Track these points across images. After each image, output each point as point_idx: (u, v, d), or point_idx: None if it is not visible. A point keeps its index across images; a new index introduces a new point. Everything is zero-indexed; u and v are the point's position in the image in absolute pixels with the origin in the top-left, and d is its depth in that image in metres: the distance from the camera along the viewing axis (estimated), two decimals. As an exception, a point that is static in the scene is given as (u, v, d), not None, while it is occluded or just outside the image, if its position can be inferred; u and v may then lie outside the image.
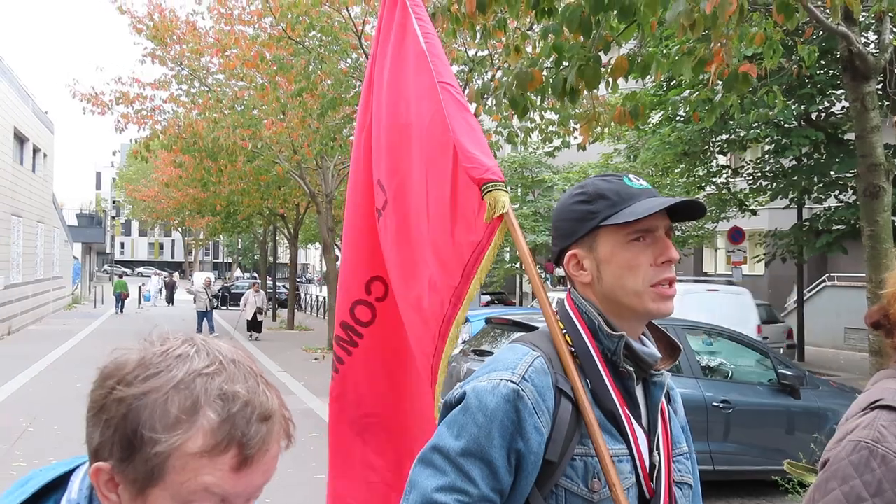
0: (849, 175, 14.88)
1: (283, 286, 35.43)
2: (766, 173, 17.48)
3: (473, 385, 1.42)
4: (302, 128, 15.55)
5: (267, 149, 17.55)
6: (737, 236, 17.42)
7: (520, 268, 26.78)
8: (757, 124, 14.15)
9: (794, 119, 14.87)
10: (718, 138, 16.64)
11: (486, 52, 11.41)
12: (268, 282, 33.02)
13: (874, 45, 8.15)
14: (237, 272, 63.16)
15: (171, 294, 39.66)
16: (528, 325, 7.13)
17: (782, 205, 18.74)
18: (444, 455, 1.37)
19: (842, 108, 15.10)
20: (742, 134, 16.01)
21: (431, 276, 1.89)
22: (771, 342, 14.30)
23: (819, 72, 14.06)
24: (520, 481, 1.38)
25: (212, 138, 16.56)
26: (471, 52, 12.55)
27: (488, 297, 25.60)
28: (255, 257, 54.14)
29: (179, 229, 56.04)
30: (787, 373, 7.49)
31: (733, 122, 14.55)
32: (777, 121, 14.17)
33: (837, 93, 14.75)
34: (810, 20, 6.12)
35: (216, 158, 18.60)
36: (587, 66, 5.15)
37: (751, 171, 18.00)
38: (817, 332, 21.98)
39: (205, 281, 22.78)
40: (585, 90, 5.53)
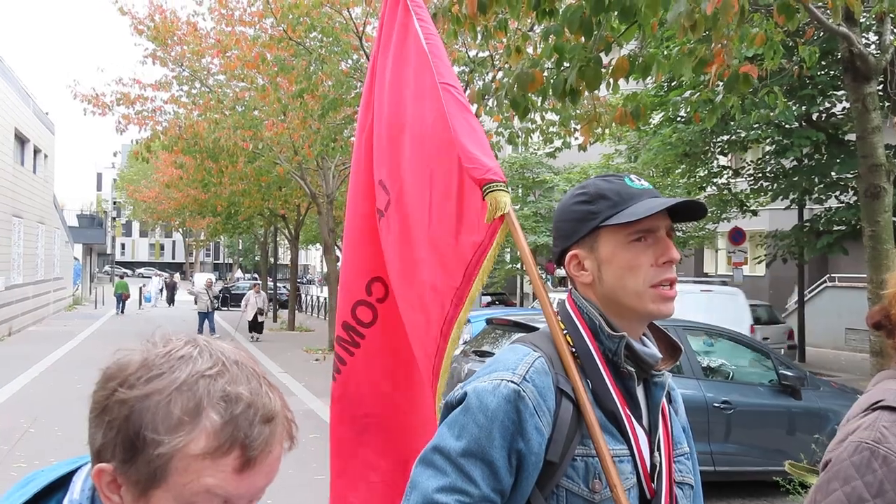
0: (850, 176, 14.90)
1: (284, 287, 35.39)
2: (767, 174, 17.47)
3: (474, 385, 1.42)
4: (303, 129, 15.54)
5: (268, 150, 17.52)
6: (738, 237, 17.42)
7: (521, 268, 26.77)
8: (758, 125, 14.13)
9: (794, 120, 14.84)
10: (719, 139, 16.64)
11: (487, 53, 11.41)
12: (268, 283, 33.04)
13: (875, 46, 8.17)
14: (238, 273, 63.12)
15: (171, 295, 39.71)
16: (528, 325, 7.12)
17: (783, 205, 18.73)
18: (444, 455, 1.37)
19: (843, 108, 15.09)
20: (743, 135, 16.01)
21: (433, 276, 1.89)
22: (772, 343, 14.33)
23: (820, 73, 14.05)
24: (521, 482, 1.38)
25: (213, 139, 16.53)
26: (472, 53, 12.54)
27: (489, 298, 25.59)
28: (256, 258, 54.12)
29: (180, 230, 56.12)
30: (788, 373, 7.49)
31: (734, 123, 14.54)
32: (778, 121, 14.15)
33: (838, 93, 14.73)
34: (811, 21, 6.13)
35: (217, 159, 18.62)
36: (588, 66, 5.15)
37: (751, 171, 17.98)
38: (818, 332, 21.96)
39: (206, 282, 22.79)
40: (586, 91, 5.53)
